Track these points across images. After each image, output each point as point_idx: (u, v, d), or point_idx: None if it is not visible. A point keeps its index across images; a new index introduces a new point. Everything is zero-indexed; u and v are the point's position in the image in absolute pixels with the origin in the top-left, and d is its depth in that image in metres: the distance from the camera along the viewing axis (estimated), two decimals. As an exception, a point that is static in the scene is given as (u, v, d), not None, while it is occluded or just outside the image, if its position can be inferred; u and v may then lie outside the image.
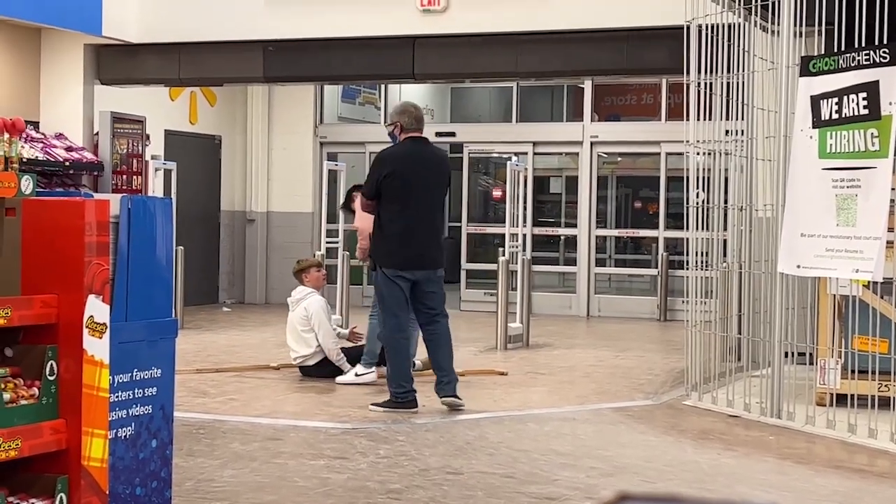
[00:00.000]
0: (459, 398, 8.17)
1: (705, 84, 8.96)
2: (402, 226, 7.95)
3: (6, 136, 3.74)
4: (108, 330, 3.59)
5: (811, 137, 7.70)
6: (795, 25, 8.11)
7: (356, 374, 9.35)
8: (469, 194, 17.55)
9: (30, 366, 3.51)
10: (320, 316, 9.58)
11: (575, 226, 16.48)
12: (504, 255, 12.51)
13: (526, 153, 16.46)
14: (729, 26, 8.89)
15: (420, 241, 8.03)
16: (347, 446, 6.97)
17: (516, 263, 12.52)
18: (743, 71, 9.02)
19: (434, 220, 8.21)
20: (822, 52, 8.12)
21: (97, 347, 3.57)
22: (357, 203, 9.87)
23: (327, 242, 13.05)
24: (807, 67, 7.78)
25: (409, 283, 8.04)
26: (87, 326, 3.53)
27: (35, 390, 3.48)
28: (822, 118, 7.62)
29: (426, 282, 8.09)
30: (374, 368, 9.38)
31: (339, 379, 9.39)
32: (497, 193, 18.30)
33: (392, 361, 8.10)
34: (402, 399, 8.05)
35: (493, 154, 17.76)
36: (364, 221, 9.33)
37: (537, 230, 16.71)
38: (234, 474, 6.20)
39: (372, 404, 8.18)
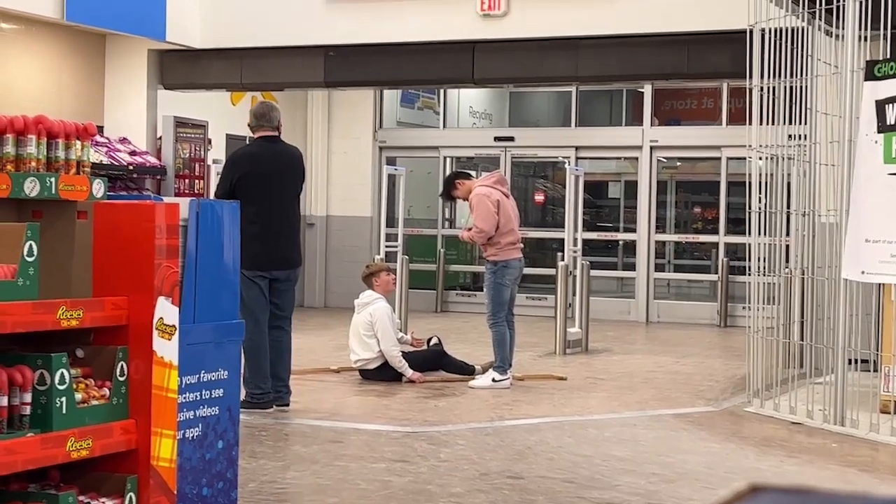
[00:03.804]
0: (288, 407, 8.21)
1: (768, 88, 8.90)
2: (262, 227, 7.93)
3: (78, 141, 3.81)
4: (176, 332, 3.64)
5: (876, 142, 7.63)
6: (860, 29, 8.03)
7: (493, 381, 9.44)
8: (526, 199, 17.50)
9: (101, 366, 3.56)
10: (384, 323, 9.60)
11: (634, 230, 16.41)
12: (563, 259, 12.48)
13: (584, 158, 16.43)
14: (792, 30, 8.82)
15: (279, 240, 8.12)
16: (408, 449, 7.01)
17: (575, 268, 12.48)
18: (806, 75, 8.95)
19: (290, 219, 8.29)
20: (888, 56, 8.05)
21: (166, 349, 3.61)
22: (459, 191, 9.82)
23: (387, 246, 13.07)
24: (871, 71, 7.71)
25: (268, 282, 8.05)
26: (156, 328, 3.58)
27: (106, 391, 3.53)
28: (888, 123, 7.55)
29: (283, 280, 8.16)
30: (509, 374, 9.49)
31: (472, 383, 9.50)
32: (539, 198, 18.25)
33: (251, 362, 8.00)
34: (259, 400, 8.03)
35: (551, 158, 17.71)
36: (489, 223, 9.37)
37: (595, 235, 16.65)
38: (297, 476, 6.25)
39: None
